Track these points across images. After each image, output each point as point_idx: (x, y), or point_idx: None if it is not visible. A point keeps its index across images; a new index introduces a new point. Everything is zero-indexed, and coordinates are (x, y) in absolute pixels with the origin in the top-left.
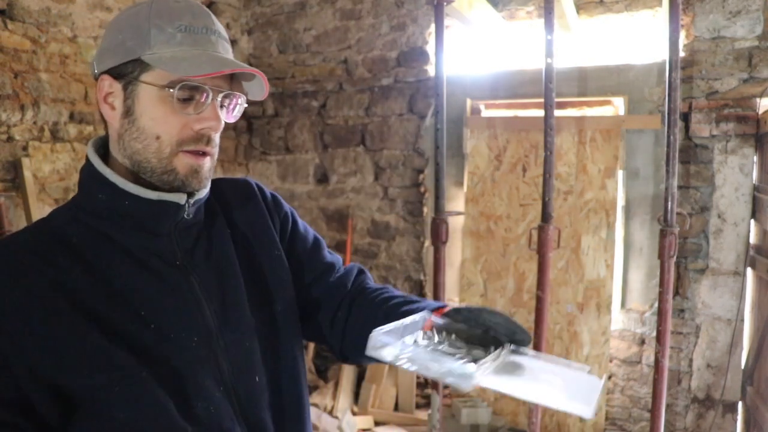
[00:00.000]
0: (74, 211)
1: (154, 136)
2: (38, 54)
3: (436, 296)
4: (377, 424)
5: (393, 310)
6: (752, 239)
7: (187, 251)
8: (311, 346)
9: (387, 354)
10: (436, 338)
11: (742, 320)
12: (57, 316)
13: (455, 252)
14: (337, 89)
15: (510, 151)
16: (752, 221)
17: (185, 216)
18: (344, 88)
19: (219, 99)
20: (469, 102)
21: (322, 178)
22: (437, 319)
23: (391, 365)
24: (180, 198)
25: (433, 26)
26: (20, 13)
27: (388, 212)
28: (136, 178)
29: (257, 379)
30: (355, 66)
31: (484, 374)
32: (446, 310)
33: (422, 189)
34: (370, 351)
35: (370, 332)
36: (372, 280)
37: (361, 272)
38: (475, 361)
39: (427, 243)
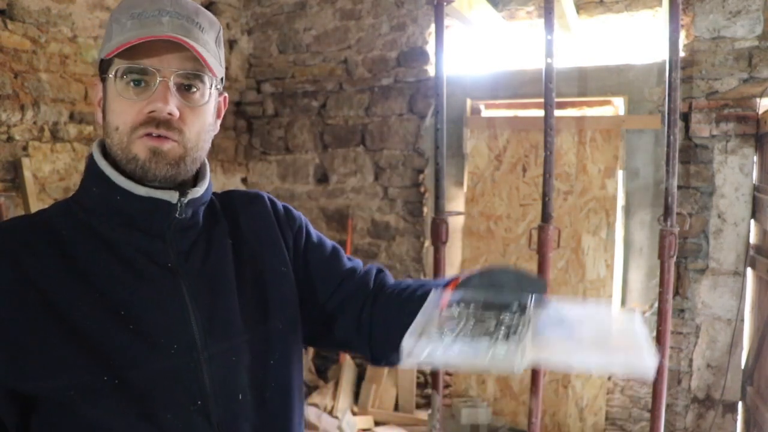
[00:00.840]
0: (70, 204)
1: (114, 127)
2: (38, 54)
3: None
4: (377, 424)
5: (409, 299)
6: (752, 239)
7: (180, 254)
8: None
9: (422, 359)
10: (457, 315)
11: (742, 320)
12: (21, 311)
13: (455, 252)
14: (337, 89)
15: (510, 151)
16: (752, 221)
17: (178, 215)
18: (344, 88)
19: (172, 81)
20: (469, 102)
21: (322, 178)
22: (453, 296)
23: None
24: (171, 196)
25: (433, 26)
26: (20, 13)
27: (388, 212)
28: (129, 176)
29: (240, 396)
30: (355, 66)
31: (524, 353)
32: (459, 281)
33: (422, 189)
34: (405, 361)
35: (394, 331)
36: (391, 277)
37: (380, 271)
38: (508, 330)
39: (427, 243)
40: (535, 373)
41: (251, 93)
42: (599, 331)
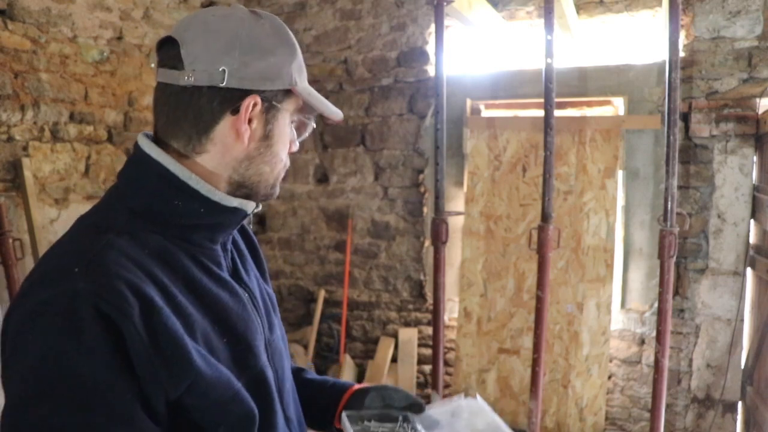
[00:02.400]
0: (139, 219)
1: (280, 159)
2: (38, 54)
3: (436, 296)
4: None
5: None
6: (752, 239)
7: (228, 259)
8: (311, 346)
9: None
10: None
11: (742, 320)
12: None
13: (455, 252)
14: (337, 89)
15: (510, 151)
16: (752, 221)
17: (245, 224)
18: (344, 88)
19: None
20: (469, 102)
21: (322, 178)
22: (349, 414)
23: (391, 363)
24: (250, 206)
25: (433, 26)
26: (20, 13)
27: (388, 212)
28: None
29: (288, 384)
30: (355, 66)
31: None
32: (353, 391)
33: (422, 189)
34: None
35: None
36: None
37: None
38: None
39: (427, 243)
40: (535, 373)
41: None
42: (469, 425)
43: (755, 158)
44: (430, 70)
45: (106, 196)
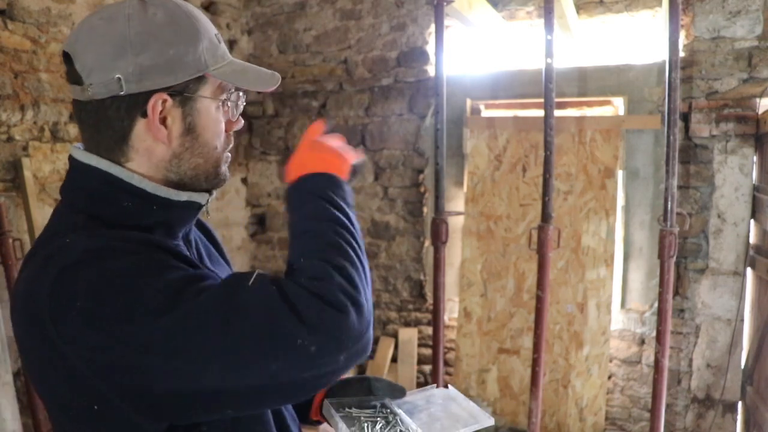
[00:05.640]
0: (97, 223)
1: (213, 147)
2: (38, 54)
3: (436, 296)
4: None
5: None
6: (752, 239)
7: (193, 251)
8: None
9: None
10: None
11: (742, 320)
12: None
13: (455, 252)
14: (337, 89)
15: (510, 151)
16: (752, 221)
17: (201, 214)
18: (344, 88)
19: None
20: (469, 102)
21: None
22: (331, 402)
23: (391, 363)
24: (203, 198)
25: (433, 26)
26: (20, 13)
27: (388, 212)
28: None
29: None
30: (355, 66)
31: None
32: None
33: (422, 189)
34: None
35: None
36: None
37: None
38: (386, 421)
39: (427, 243)
40: (535, 373)
41: (251, 93)
42: (444, 409)
43: (755, 158)
44: (430, 70)
45: (52, 218)
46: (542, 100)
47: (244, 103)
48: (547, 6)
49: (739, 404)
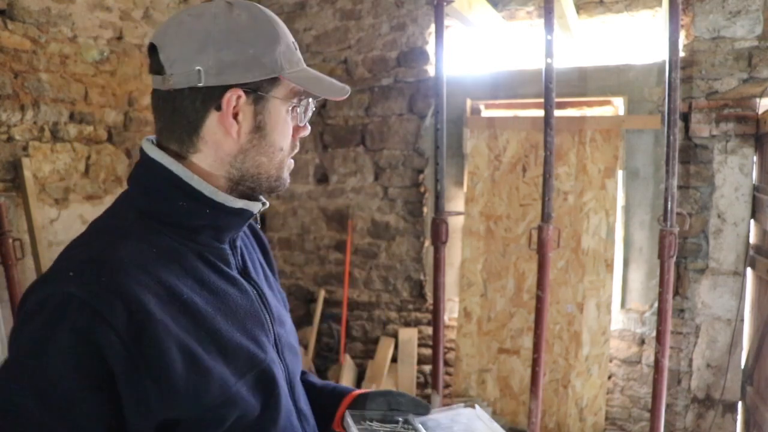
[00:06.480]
0: (148, 220)
1: (278, 148)
2: (38, 54)
3: (436, 296)
4: None
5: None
6: (752, 239)
7: (238, 259)
8: (311, 346)
9: None
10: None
11: (742, 320)
12: (186, 332)
13: (455, 252)
14: None
15: (510, 151)
16: (752, 221)
17: (254, 223)
18: None
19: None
20: (469, 102)
21: (322, 178)
22: (352, 414)
23: (391, 363)
24: (256, 207)
25: (433, 26)
26: (20, 13)
27: (388, 212)
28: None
29: (299, 379)
30: (355, 66)
31: None
32: (356, 395)
33: (422, 189)
34: None
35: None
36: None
37: None
38: None
39: (427, 243)
40: (535, 373)
41: None
42: (468, 428)
43: (755, 158)
44: (430, 70)
45: (117, 200)
46: (542, 100)
47: (314, 110)
48: (547, 6)
49: (739, 404)
